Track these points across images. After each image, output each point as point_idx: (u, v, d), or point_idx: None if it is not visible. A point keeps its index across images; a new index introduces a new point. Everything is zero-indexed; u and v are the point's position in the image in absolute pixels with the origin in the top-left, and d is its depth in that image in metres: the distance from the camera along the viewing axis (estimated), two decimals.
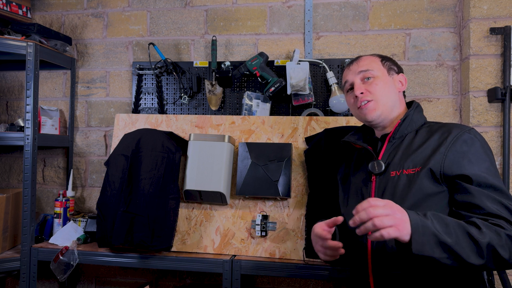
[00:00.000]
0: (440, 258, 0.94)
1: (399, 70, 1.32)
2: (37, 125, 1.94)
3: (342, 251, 1.14)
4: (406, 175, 1.14)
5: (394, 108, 1.26)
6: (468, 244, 0.95)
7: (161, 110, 2.19)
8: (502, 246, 0.96)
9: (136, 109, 2.21)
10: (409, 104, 1.33)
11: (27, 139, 1.90)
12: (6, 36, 1.95)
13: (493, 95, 1.78)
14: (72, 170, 2.25)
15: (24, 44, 1.91)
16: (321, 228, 1.19)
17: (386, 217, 0.91)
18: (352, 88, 1.30)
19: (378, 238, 0.92)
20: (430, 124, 1.24)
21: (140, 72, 2.21)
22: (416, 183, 1.11)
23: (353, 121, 1.86)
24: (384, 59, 1.30)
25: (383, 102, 1.24)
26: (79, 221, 2.00)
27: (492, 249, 0.95)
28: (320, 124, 1.88)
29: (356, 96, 1.26)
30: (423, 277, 1.09)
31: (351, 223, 0.95)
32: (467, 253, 0.94)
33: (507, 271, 1.67)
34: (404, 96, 1.34)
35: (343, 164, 1.45)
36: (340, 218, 1.13)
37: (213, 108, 2.11)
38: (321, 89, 2.05)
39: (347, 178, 1.37)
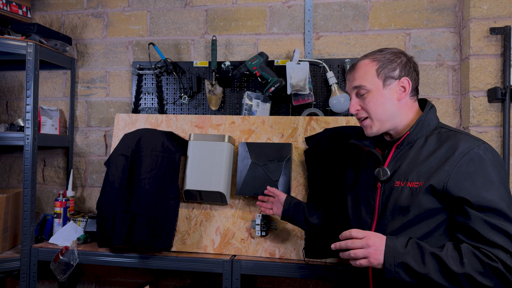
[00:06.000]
0: (413, 282, 1.03)
1: (401, 74, 1.20)
2: (37, 125, 1.94)
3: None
4: (409, 187, 1.12)
5: (395, 119, 1.20)
6: (442, 273, 1.00)
7: (161, 110, 2.19)
8: (485, 276, 0.98)
9: (136, 109, 2.21)
10: (421, 102, 1.27)
11: (27, 139, 1.90)
12: (6, 36, 1.95)
13: (493, 95, 1.78)
14: (72, 170, 2.25)
15: (24, 44, 1.91)
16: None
17: (361, 250, 1.06)
18: None
19: (354, 264, 1.07)
20: (440, 131, 1.18)
21: (140, 72, 2.21)
22: (418, 198, 1.09)
23: (353, 121, 1.86)
24: (381, 66, 1.20)
25: (378, 118, 1.21)
26: (79, 221, 2.00)
27: (470, 278, 0.98)
28: (320, 124, 1.88)
29: None
30: None
31: (332, 247, 1.10)
32: (441, 280, 1.00)
33: None
34: (417, 92, 1.25)
35: (351, 161, 1.42)
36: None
37: (213, 108, 2.11)
38: (321, 89, 2.05)
39: (356, 178, 1.35)
